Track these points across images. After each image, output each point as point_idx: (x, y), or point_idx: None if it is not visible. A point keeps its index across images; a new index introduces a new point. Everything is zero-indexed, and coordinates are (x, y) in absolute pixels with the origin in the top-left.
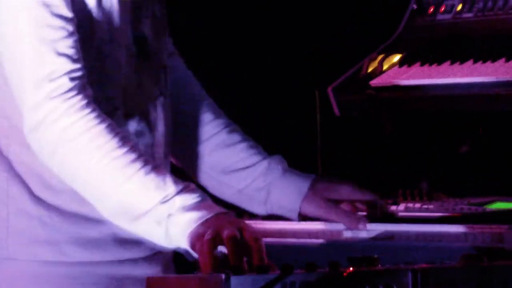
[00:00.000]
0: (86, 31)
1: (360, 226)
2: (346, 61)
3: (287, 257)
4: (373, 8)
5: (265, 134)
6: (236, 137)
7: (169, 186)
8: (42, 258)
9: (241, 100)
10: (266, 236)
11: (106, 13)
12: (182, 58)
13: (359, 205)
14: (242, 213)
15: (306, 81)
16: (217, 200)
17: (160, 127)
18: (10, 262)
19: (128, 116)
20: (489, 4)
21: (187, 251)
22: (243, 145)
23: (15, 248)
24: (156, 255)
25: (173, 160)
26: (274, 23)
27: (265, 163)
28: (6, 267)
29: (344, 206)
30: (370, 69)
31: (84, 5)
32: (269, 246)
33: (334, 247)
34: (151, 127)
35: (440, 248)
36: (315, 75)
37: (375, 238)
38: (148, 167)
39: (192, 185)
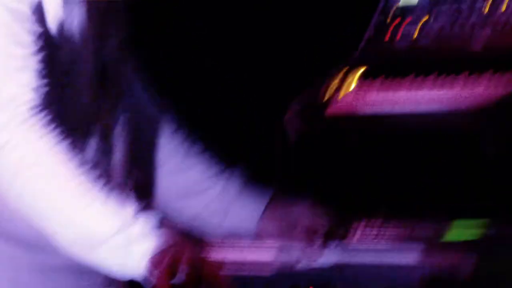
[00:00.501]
0: (48, 57)
1: (307, 252)
2: (304, 89)
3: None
4: (331, 35)
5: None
6: (191, 161)
7: (128, 211)
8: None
9: (208, 121)
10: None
11: (67, 40)
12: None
13: (316, 230)
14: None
15: (266, 108)
16: None
17: (120, 150)
18: None
19: (87, 139)
20: (447, 30)
21: (145, 279)
22: (197, 169)
23: None
24: (112, 281)
25: (132, 183)
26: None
27: (220, 186)
28: None
29: (304, 229)
30: (327, 97)
31: (47, 32)
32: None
33: (291, 277)
34: (111, 150)
35: (396, 278)
36: (273, 103)
37: (329, 267)
38: (106, 192)
39: (151, 206)
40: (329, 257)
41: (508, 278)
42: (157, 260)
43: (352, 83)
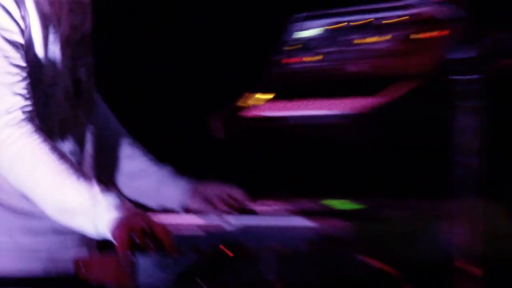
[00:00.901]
0: (35, 76)
1: (224, 218)
2: (228, 96)
3: (180, 244)
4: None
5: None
6: (137, 152)
7: (95, 188)
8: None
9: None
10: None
11: (51, 63)
12: None
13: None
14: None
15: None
16: None
17: (88, 148)
18: None
19: (64, 140)
20: (334, 56)
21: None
22: (143, 159)
23: None
24: (82, 238)
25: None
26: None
27: (160, 173)
28: None
29: (218, 203)
30: (242, 104)
31: (35, 57)
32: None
33: (213, 236)
34: (81, 148)
35: (292, 236)
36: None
37: (238, 229)
38: (79, 176)
39: (112, 189)
40: (239, 221)
41: (377, 240)
42: (119, 227)
43: (257, 97)
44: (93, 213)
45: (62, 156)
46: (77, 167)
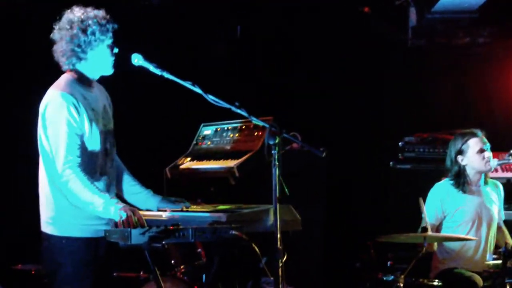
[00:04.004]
0: (87, 146)
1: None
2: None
3: (150, 223)
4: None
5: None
6: (134, 182)
7: (111, 197)
8: (66, 234)
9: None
10: (145, 216)
11: (94, 140)
12: None
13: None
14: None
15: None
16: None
17: (112, 177)
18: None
19: (101, 175)
20: (218, 146)
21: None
22: (137, 185)
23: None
24: (108, 222)
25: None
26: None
27: (146, 192)
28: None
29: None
30: (180, 162)
31: (87, 137)
32: (149, 220)
33: (165, 221)
34: (110, 178)
35: (201, 221)
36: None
37: (176, 218)
38: (104, 193)
39: (119, 197)
40: (178, 214)
41: (238, 222)
42: (120, 214)
43: (187, 159)
44: (107, 207)
45: (95, 184)
46: (97, 187)
